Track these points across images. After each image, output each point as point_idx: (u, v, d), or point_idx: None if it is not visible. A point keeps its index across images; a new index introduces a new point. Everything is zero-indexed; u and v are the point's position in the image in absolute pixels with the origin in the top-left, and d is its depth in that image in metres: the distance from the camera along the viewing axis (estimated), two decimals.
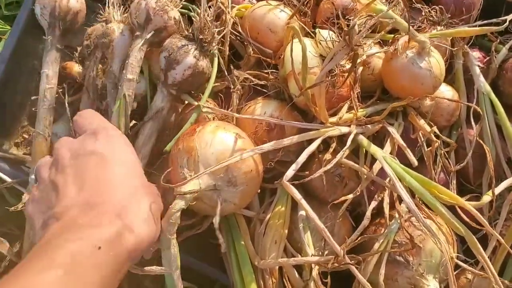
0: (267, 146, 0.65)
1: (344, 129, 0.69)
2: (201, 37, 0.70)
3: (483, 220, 0.58)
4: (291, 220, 0.71)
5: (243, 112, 0.75)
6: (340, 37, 0.65)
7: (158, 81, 0.74)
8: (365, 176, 0.67)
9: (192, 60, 0.70)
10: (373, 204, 0.67)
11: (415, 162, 0.67)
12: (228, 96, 0.77)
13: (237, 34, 0.79)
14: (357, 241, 0.64)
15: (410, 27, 0.67)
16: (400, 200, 0.68)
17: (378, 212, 0.71)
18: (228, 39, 0.78)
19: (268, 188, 0.75)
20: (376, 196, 0.68)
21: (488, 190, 0.72)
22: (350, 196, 0.66)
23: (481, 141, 0.70)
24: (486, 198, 0.62)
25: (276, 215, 0.70)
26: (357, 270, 0.61)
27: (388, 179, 0.65)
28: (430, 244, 0.68)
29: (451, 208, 0.61)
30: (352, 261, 0.61)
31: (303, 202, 0.63)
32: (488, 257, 0.63)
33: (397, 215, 0.68)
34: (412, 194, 0.64)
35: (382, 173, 0.66)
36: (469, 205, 0.58)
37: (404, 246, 0.68)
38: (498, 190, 0.63)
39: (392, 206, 0.69)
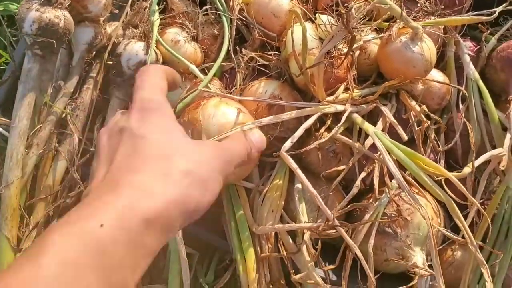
0: (267, 120, 0.69)
1: (340, 107, 0.73)
2: None
3: (464, 190, 0.62)
4: (287, 192, 0.74)
5: (247, 90, 0.79)
6: (338, 21, 0.70)
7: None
8: (357, 150, 0.72)
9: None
10: (363, 174, 0.70)
11: (404, 136, 0.70)
12: (232, 76, 0.82)
13: (243, 19, 0.83)
14: (347, 208, 0.68)
15: (403, 13, 0.71)
16: (391, 176, 0.72)
17: (370, 188, 0.74)
18: (235, 23, 0.83)
19: (267, 163, 0.79)
20: (366, 168, 0.72)
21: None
22: (343, 167, 0.70)
23: (466, 121, 0.74)
24: (467, 169, 0.66)
25: (274, 187, 0.73)
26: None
27: (378, 153, 0.70)
28: (418, 217, 0.72)
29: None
30: (342, 227, 0.65)
31: (299, 171, 0.67)
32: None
33: (387, 189, 0.72)
34: (402, 169, 0.67)
35: (373, 148, 0.70)
36: (451, 175, 0.62)
37: (393, 218, 0.71)
38: (477, 163, 0.67)
39: (383, 182, 0.73)
